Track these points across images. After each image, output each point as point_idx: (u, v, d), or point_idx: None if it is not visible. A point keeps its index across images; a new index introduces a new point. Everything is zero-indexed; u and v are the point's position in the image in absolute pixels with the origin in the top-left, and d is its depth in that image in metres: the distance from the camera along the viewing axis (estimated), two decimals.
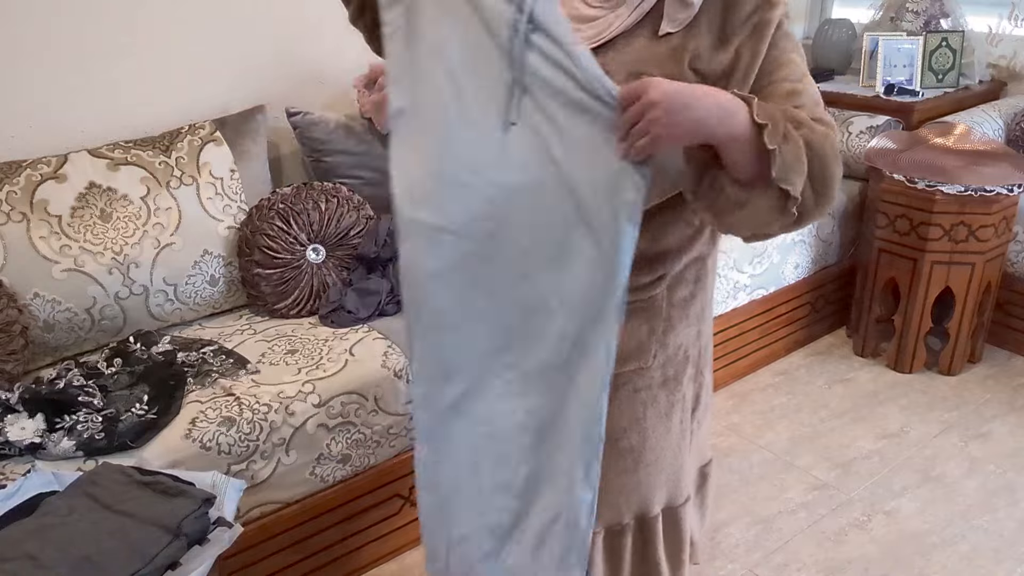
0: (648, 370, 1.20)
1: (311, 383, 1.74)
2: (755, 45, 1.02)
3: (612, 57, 1.04)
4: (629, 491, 1.27)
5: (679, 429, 1.27)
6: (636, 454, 1.24)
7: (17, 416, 1.53)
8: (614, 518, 1.29)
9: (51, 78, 1.94)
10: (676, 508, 1.33)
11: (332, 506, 1.81)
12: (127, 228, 1.87)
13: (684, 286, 1.19)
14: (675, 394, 1.24)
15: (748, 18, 1.02)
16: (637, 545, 1.34)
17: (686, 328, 1.22)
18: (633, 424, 1.22)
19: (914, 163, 2.59)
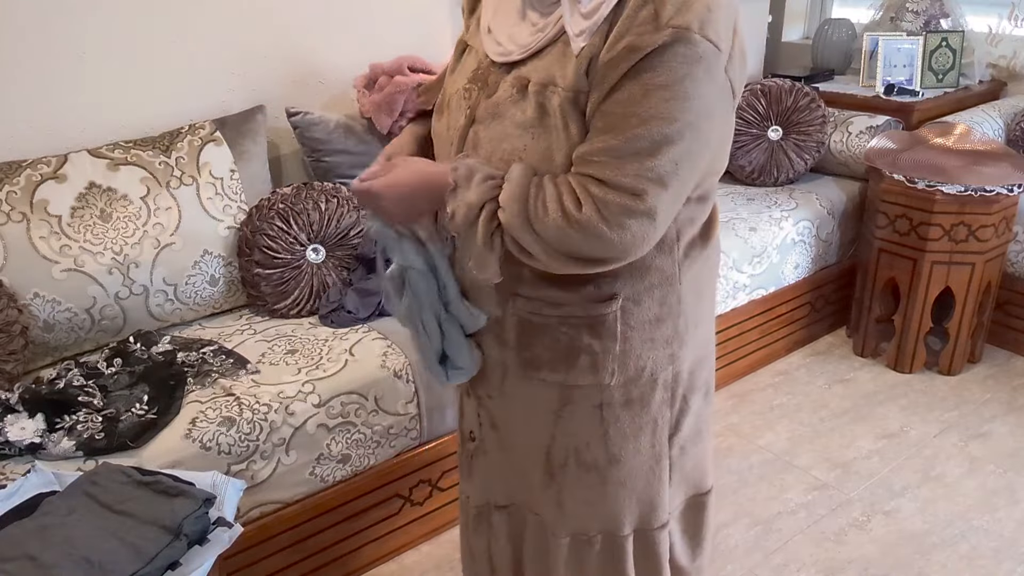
0: (608, 388, 1.18)
1: (311, 383, 1.74)
2: (609, 68, 0.95)
3: (535, 65, 1.04)
4: (594, 505, 1.26)
5: (650, 453, 1.24)
6: (601, 471, 1.23)
7: (17, 416, 1.53)
8: (579, 528, 1.29)
9: (51, 78, 1.94)
10: (650, 532, 1.31)
11: (332, 506, 1.81)
12: (127, 228, 1.87)
13: (645, 310, 1.14)
14: (642, 416, 1.21)
15: (623, 36, 0.94)
16: (606, 559, 1.32)
17: (651, 351, 1.17)
18: (595, 440, 1.21)
19: (914, 163, 2.59)
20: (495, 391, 1.25)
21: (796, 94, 2.90)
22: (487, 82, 1.09)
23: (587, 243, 0.98)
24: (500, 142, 1.05)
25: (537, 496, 1.30)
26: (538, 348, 1.16)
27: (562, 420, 1.21)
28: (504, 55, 1.07)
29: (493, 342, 1.20)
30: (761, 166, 2.93)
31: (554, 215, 0.97)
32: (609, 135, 0.96)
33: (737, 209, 2.74)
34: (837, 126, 2.97)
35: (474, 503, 1.39)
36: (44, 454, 1.50)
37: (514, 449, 1.29)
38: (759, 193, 2.89)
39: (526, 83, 1.04)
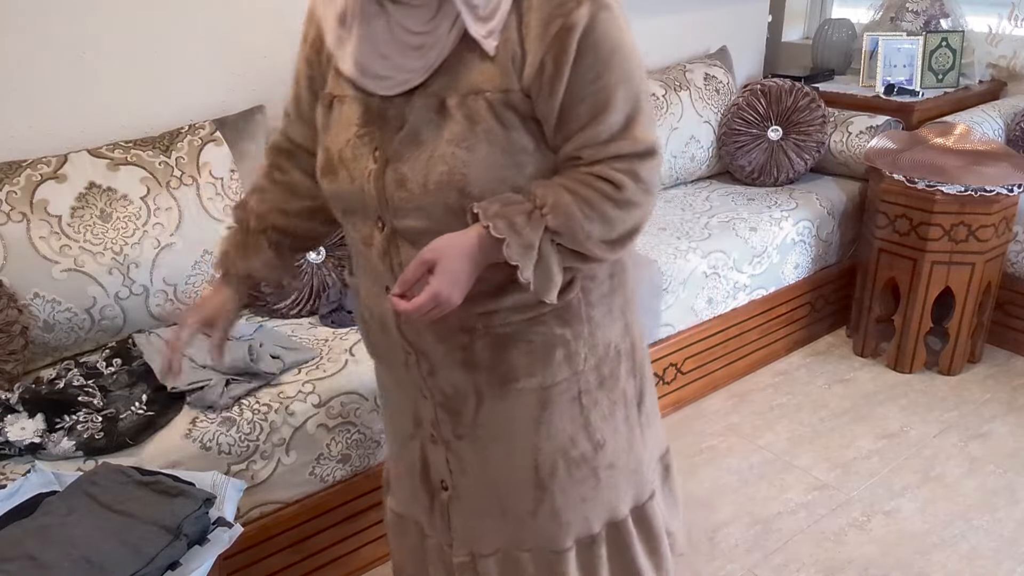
0: (583, 374, 1.19)
1: (311, 383, 1.74)
2: (557, 56, 0.97)
3: (445, 82, 1.00)
4: (592, 499, 1.26)
5: (627, 425, 1.27)
6: (590, 461, 1.23)
7: (17, 416, 1.53)
8: (583, 530, 1.28)
9: (51, 78, 1.94)
10: (644, 505, 1.33)
11: (332, 506, 1.81)
12: (127, 228, 1.87)
13: (600, 284, 1.17)
14: (614, 391, 1.23)
15: (550, 22, 0.96)
16: (613, 553, 1.32)
17: (612, 324, 1.20)
18: (580, 431, 1.21)
19: (914, 163, 2.59)
20: (466, 428, 1.21)
21: (796, 94, 2.90)
22: (387, 118, 1.04)
23: (636, 216, 1.05)
24: (433, 167, 1.01)
25: (528, 525, 1.26)
26: (513, 357, 1.15)
27: (544, 426, 1.20)
28: (400, 84, 1.02)
29: (462, 370, 1.17)
30: (761, 166, 2.93)
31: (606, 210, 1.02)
32: (600, 118, 1.00)
33: (737, 209, 2.74)
34: (837, 126, 2.97)
35: (457, 556, 1.32)
36: (44, 454, 1.50)
37: (491, 486, 1.25)
38: (759, 193, 2.89)
39: (442, 101, 1.00)
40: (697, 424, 2.50)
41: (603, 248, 1.05)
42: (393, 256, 1.10)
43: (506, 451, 1.21)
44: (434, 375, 1.18)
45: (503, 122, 1.00)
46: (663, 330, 2.42)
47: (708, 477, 2.26)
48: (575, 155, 1.03)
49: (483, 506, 1.27)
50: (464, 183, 1.01)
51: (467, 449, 1.23)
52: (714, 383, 2.65)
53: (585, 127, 1.01)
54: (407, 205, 1.04)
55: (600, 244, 1.04)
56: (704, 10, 3.19)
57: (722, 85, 3.04)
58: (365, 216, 1.10)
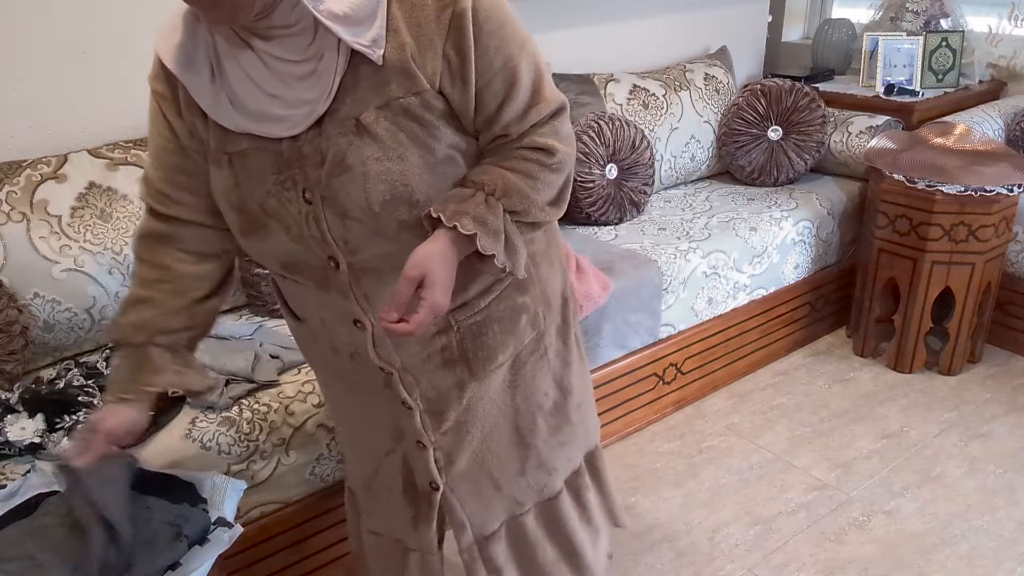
0: (545, 332, 1.25)
1: (311, 383, 1.74)
2: (458, 43, 0.97)
3: (354, 102, 0.97)
4: (571, 441, 1.34)
5: (580, 363, 1.34)
6: (562, 407, 1.31)
7: (17, 416, 1.53)
8: (569, 467, 1.37)
9: (51, 78, 1.94)
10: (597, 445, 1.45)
11: (332, 506, 1.80)
12: (127, 228, 1.87)
13: (538, 242, 1.21)
14: (569, 337, 1.30)
15: (439, 14, 0.96)
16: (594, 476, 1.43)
17: (555, 275, 1.26)
18: (550, 383, 1.28)
19: (914, 163, 2.59)
20: (451, 423, 1.23)
21: (796, 94, 2.90)
22: (303, 155, 0.99)
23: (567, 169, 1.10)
24: (372, 189, 0.98)
25: (521, 485, 1.32)
26: (489, 340, 1.18)
27: (519, 388, 1.25)
28: (305, 119, 0.97)
29: (443, 372, 1.18)
30: (761, 166, 2.93)
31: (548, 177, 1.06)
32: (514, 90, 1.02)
33: (737, 209, 2.74)
34: (837, 126, 2.97)
35: (464, 547, 1.33)
36: (44, 454, 1.50)
37: (482, 460, 1.28)
38: (759, 193, 2.89)
39: (356, 120, 0.97)
40: (697, 424, 2.50)
41: (551, 211, 1.10)
42: (356, 290, 1.08)
43: (489, 425, 1.26)
44: (417, 385, 1.19)
45: (424, 123, 0.99)
46: (663, 330, 2.42)
47: (708, 477, 2.26)
48: (502, 133, 1.05)
49: (478, 484, 1.30)
50: (409, 194, 0.99)
51: (452, 440, 1.25)
52: (714, 383, 2.65)
53: (503, 105, 1.02)
54: (358, 235, 1.02)
55: (548, 208, 1.09)
56: (704, 10, 3.19)
57: (722, 85, 3.04)
58: (311, 262, 1.06)
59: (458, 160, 1.04)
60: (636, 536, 2.04)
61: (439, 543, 1.38)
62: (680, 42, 3.16)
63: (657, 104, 2.84)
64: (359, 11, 0.93)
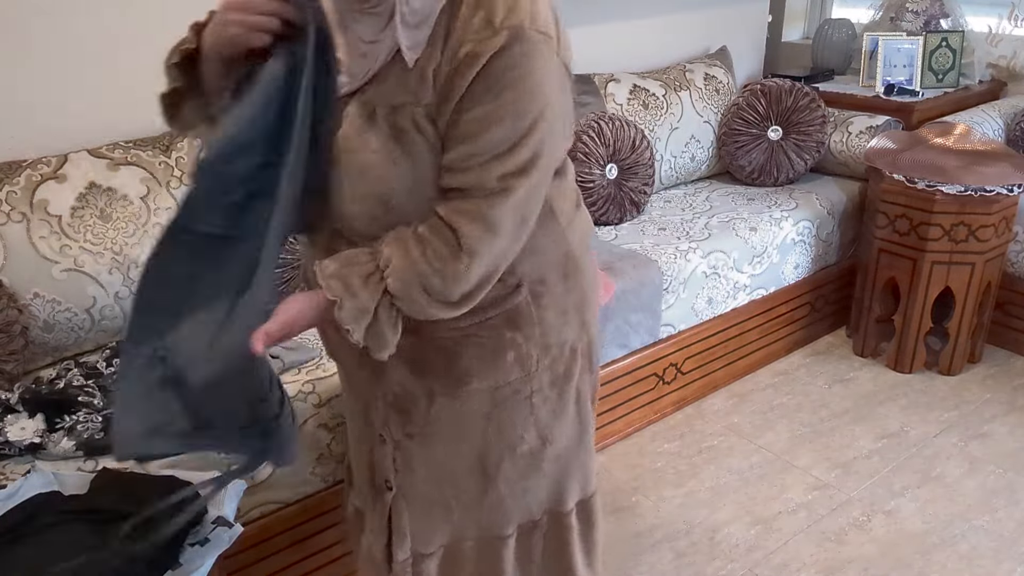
0: (536, 375, 1.19)
1: (311, 383, 1.73)
2: (454, 79, 0.95)
3: (377, 90, 1.01)
4: (535, 489, 1.28)
5: (579, 421, 1.28)
6: (536, 454, 1.25)
7: (17, 416, 1.53)
8: (525, 516, 1.30)
9: (51, 78, 1.94)
10: (588, 500, 1.35)
11: (332, 506, 1.80)
12: (127, 228, 1.87)
13: (553, 286, 1.16)
14: (567, 391, 1.24)
15: (461, 46, 0.94)
16: (550, 541, 1.34)
17: (566, 325, 1.19)
18: (529, 428, 1.22)
19: (914, 163, 2.59)
20: (417, 427, 1.21)
21: (796, 94, 2.90)
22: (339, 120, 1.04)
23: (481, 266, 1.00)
24: (362, 175, 1.01)
25: (472, 514, 1.28)
26: (464, 361, 1.15)
27: (494, 423, 1.20)
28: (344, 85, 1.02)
29: (412, 374, 1.17)
30: (761, 166, 2.93)
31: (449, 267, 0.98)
32: (467, 143, 0.96)
33: (737, 209, 2.74)
34: (837, 126, 2.97)
35: (399, 559, 1.31)
36: (44, 454, 1.50)
37: (440, 479, 1.26)
38: (759, 193, 2.89)
39: (372, 110, 1.00)
40: (697, 424, 2.50)
41: (445, 308, 1.02)
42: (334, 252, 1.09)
43: (454, 446, 1.23)
44: (383, 375, 1.18)
45: (425, 135, 0.99)
46: (663, 330, 2.42)
47: (708, 477, 2.26)
48: (440, 174, 1.00)
49: (429, 500, 1.28)
50: (388, 196, 1.01)
51: (416, 447, 1.24)
52: (714, 383, 2.65)
53: (453, 148, 0.98)
54: (350, 213, 1.05)
55: (442, 305, 1.01)
56: (704, 10, 3.19)
57: (722, 85, 3.04)
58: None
59: None
60: (636, 536, 2.04)
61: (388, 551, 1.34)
62: (680, 42, 3.16)
63: (657, 104, 2.84)
64: (422, 12, 0.97)
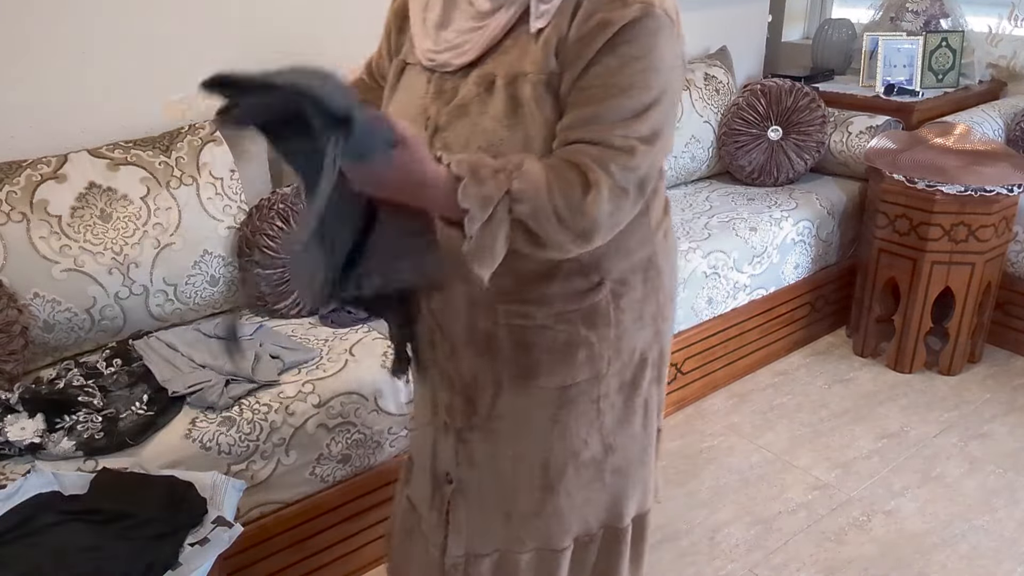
0: (604, 378, 1.17)
1: (311, 383, 1.74)
2: (583, 46, 0.98)
3: (499, 59, 1.04)
4: (595, 501, 1.26)
5: (644, 434, 1.26)
6: (599, 464, 1.23)
7: (17, 416, 1.53)
8: (583, 529, 1.28)
9: (51, 78, 1.94)
10: (644, 515, 1.33)
11: (332, 506, 1.81)
12: (127, 228, 1.87)
13: (633, 289, 1.16)
14: (634, 399, 1.22)
15: (593, 13, 0.98)
16: (601, 556, 1.32)
17: (640, 331, 1.18)
18: (593, 433, 1.21)
19: (914, 163, 2.59)
20: (481, 419, 1.20)
21: (796, 94, 2.90)
22: (442, 91, 1.08)
23: (603, 210, 0.98)
24: (472, 139, 1.03)
25: (531, 525, 1.25)
26: (535, 353, 1.14)
27: (559, 425, 1.19)
28: (458, 56, 1.05)
29: (484, 358, 1.15)
30: (761, 166, 2.93)
31: (573, 193, 0.96)
32: (591, 106, 0.98)
33: (737, 209, 2.74)
34: (837, 126, 2.97)
35: (452, 555, 1.30)
36: (44, 454, 1.50)
37: (500, 483, 1.23)
38: (759, 193, 2.89)
39: (492, 79, 1.03)
40: (697, 424, 2.50)
41: (564, 233, 0.97)
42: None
43: (518, 447, 1.21)
44: (455, 357, 1.17)
45: (542, 106, 1.01)
46: None
47: (708, 477, 2.26)
48: (557, 133, 1.01)
49: (487, 503, 1.26)
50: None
51: (478, 442, 1.22)
52: (714, 383, 2.65)
53: (574, 111, 1.00)
54: None
55: (562, 227, 0.97)
56: (704, 10, 3.19)
57: (722, 85, 3.04)
58: None
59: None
60: None
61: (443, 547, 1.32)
62: None
63: None
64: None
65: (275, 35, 2.27)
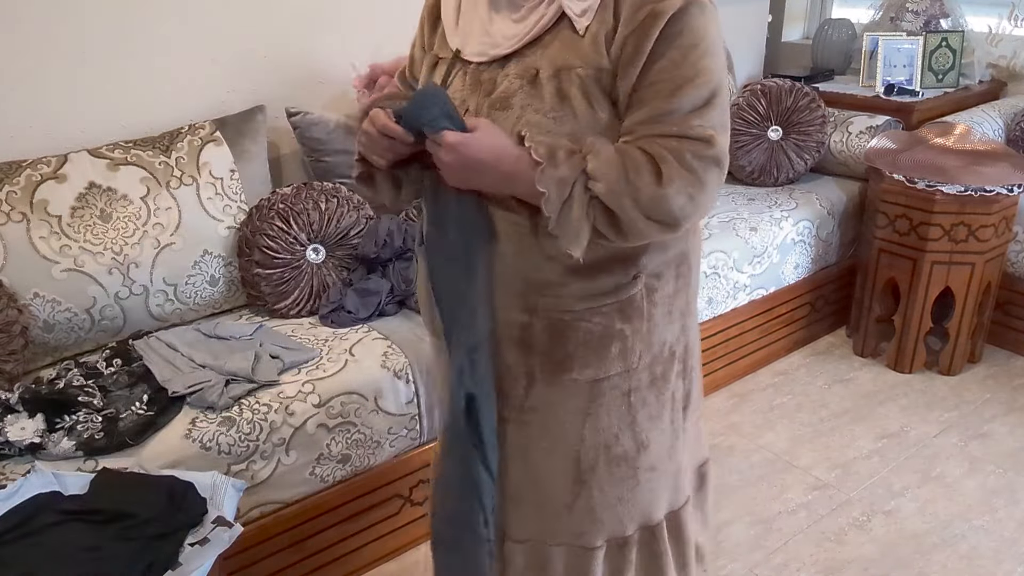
0: (635, 372, 1.18)
1: (311, 383, 1.74)
2: (638, 40, 1.00)
3: (540, 53, 1.05)
4: (629, 500, 1.26)
5: (672, 429, 1.26)
6: (631, 461, 1.23)
7: (17, 416, 1.53)
8: (616, 530, 1.27)
9: (51, 78, 1.94)
10: (678, 511, 1.32)
11: (332, 506, 1.81)
12: (127, 228, 1.87)
13: (666, 283, 1.17)
14: (664, 393, 1.23)
15: (640, 7, 1.00)
16: (644, 558, 1.31)
17: (670, 325, 1.20)
18: (625, 428, 1.21)
19: (914, 163, 2.59)
20: (514, 411, 1.20)
21: (796, 94, 2.90)
22: (480, 82, 1.09)
23: (678, 200, 1.01)
24: (515, 131, 1.04)
25: (562, 519, 1.25)
26: (570, 345, 1.14)
27: (591, 418, 1.19)
28: (493, 48, 1.07)
29: (518, 350, 1.16)
30: (761, 166, 2.93)
31: (647, 178, 1.00)
32: (662, 100, 1.00)
33: (737, 209, 2.74)
34: (837, 126, 2.97)
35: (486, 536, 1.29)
36: (44, 454, 1.50)
37: (534, 472, 1.24)
38: (759, 193, 2.89)
39: (535, 72, 1.04)
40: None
41: (641, 221, 1.01)
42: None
43: (550, 440, 1.21)
44: (501, 345, 1.17)
45: (590, 99, 1.02)
46: None
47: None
48: (630, 130, 1.03)
49: (520, 493, 1.26)
50: None
51: (511, 433, 1.22)
52: (714, 383, 2.65)
53: (645, 106, 1.01)
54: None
55: (638, 216, 1.01)
56: None
57: None
58: None
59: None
60: None
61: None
62: None
63: None
64: None
65: (274, 35, 2.27)
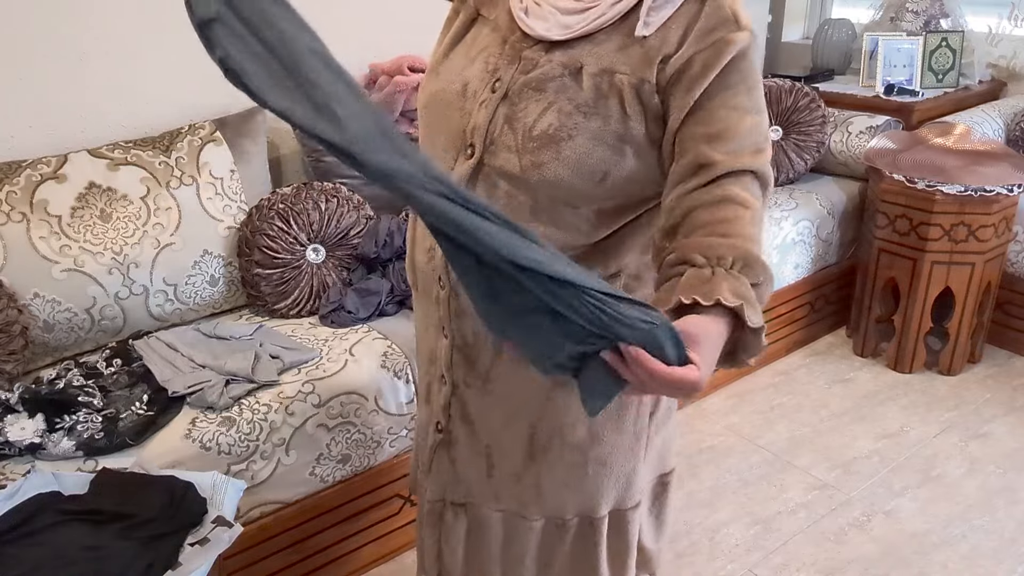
0: None
1: (311, 383, 1.74)
2: (709, 58, 1.00)
3: (589, 49, 1.04)
4: (572, 487, 1.27)
5: (632, 431, 1.26)
6: (583, 450, 1.24)
7: (17, 416, 1.53)
8: (555, 510, 1.29)
9: (51, 78, 1.94)
10: (624, 511, 1.32)
11: (332, 506, 1.81)
12: (127, 228, 1.87)
13: (645, 283, 1.17)
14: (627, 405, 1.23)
15: (712, 31, 1.01)
16: (577, 545, 1.32)
17: None
18: (582, 418, 1.21)
19: (914, 163, 2.59)
20: (478, 379, 1.21)
21: (796, 94, 2.90)
22: (519, 56, 1.06)
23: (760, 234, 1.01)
24: (544, 117, 1.03)
25: (508, 488, 1.27)
26: None
27: (551, 403, 1.20)
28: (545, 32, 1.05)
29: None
30: None
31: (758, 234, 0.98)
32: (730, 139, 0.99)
33: None
34: (837, 126, 2.97)
35: (429, 498, 1.34)
36: (44, 454, 1.50)
37: (489, 439, 1.25)
38: None
39: (579, 67, 1.03)
40: (697, 424, 2.50)
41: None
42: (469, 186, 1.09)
43: (509, 411, 1.22)
44: (461, 317, 1.18)
45: (625, 107, 1.02)
46: None
47: (708, 477, 2.26)
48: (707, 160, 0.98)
49: (471, 458, 1.27)
50: (564, 144, 1.02)
51: (473, 397, 1.23)
52: (714, 383, 2.65)
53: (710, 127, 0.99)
54: (503, 144, 1.05)
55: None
56: None
57: None
58: (452, 138, 1.10)
59: (626, 161, 1.04)
60: None
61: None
62: None
63: None
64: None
65: None
